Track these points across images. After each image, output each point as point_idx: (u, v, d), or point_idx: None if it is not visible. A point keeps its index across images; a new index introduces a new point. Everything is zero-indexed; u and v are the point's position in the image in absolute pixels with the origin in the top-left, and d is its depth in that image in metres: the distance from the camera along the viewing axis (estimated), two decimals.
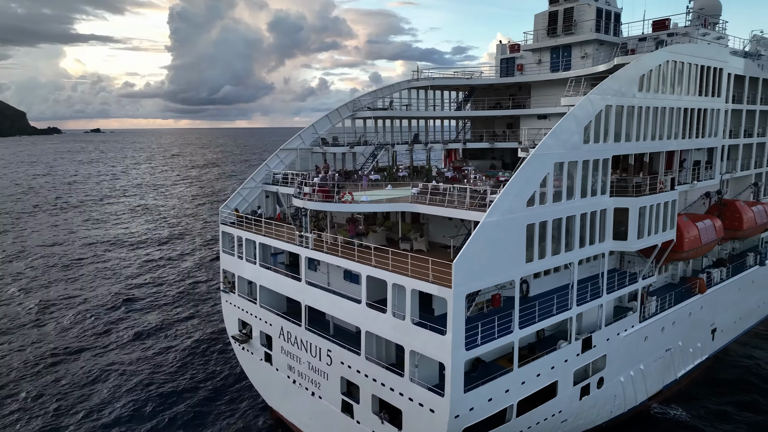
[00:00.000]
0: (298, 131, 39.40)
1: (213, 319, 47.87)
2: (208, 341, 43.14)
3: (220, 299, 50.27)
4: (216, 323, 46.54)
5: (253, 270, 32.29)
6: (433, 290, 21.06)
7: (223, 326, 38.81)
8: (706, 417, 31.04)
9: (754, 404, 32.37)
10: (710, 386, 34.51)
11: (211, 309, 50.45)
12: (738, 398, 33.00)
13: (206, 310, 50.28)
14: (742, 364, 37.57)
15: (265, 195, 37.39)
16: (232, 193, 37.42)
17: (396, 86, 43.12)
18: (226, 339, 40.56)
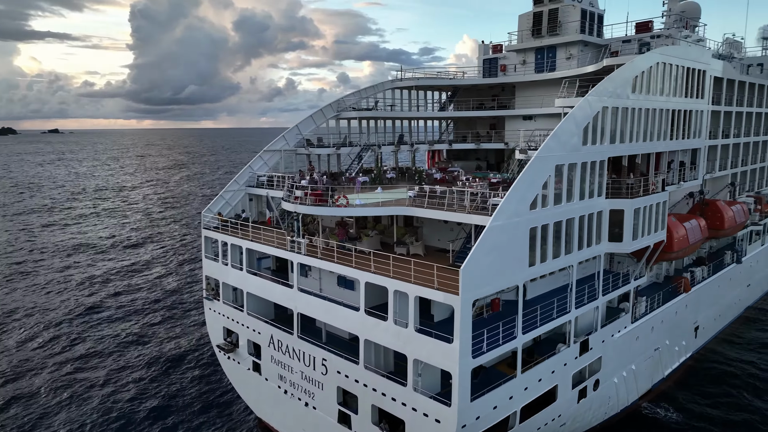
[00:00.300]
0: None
1: (193, 327, 46.04)
2: (191, 351, 41.31)
3: (200, 307, 48.75)
4: (197, 332, 44.83)
5: (239, 276, 31.11)
6: (438, 297, 20.45)
7: (206, 335, 37.43)
8: (693, 413, 31.37)
9: (738, 397, 32.91)
10: (695, 383, 34.95)
11: (191, 317, 48.52)
12: (722, 392, 33.49)
13: (185, 319, 48.21)
14: (723, 359, 38.23)
15: (249, 198, 36.18)
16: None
17: (380, 86, 42.46)
18: (209, 348, 39.11)
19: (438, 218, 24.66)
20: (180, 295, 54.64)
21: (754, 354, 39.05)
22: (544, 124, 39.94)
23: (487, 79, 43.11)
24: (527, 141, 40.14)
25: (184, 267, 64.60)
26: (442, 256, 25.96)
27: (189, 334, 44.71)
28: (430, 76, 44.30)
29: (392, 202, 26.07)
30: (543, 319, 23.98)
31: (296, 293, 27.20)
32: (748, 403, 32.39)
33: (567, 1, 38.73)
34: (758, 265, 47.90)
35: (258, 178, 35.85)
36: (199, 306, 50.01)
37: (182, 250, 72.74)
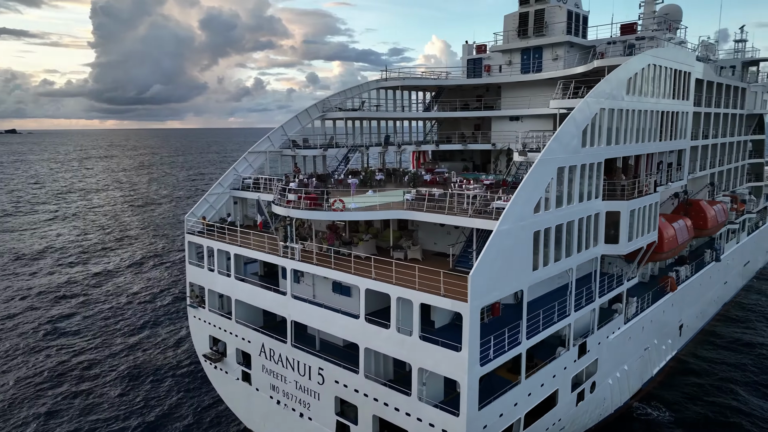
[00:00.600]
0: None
1: (176, 336, 43.94)
2: (174, 361, 39.36)
3: (183, 315, 47.13)
4: (180, 341, 42.88)
5: (227, 283, 29.98)
6: (445, 304, 19.90)
7: (190, 344, 36.05)
8: (682, 410, 31.69)
9: (724, 392, 33.43)
10: (681, 380, 35.37)
11: (173, 326, 46.14)
12: (708, 389, 33.97)
13: (167, 327, 45.67)
14: (704, 356, 38.86)
15: (234, 201, 35.00)
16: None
17: (365, 86, 41.75)
18: (194, 358, 37.62)
19: (439, 222, 24.11)
20: (159, 302, 52.10)
21: (733, 351, 39.80)
22: (531, 125, 39.90)
23: (474, 79, 42.84)
24: (516, 142, 40.23)
25: (161, 273, 62.02)
26: (441, 260, 25.44)
27: (172, 343, 42.78)
28: (415, 77, 43.81)
29: (390, 206, 25.40)
30: (545, 323, 23.70)
31: (290, 300, 26.29)
32: (734, 398, 32.90)
33: (553, 1, 38.74)
34: (733, 262, 49.02)
35: (243, 181, 34.71)
36: (181, 314, 48.17)
37: (158, 255, 69.90)
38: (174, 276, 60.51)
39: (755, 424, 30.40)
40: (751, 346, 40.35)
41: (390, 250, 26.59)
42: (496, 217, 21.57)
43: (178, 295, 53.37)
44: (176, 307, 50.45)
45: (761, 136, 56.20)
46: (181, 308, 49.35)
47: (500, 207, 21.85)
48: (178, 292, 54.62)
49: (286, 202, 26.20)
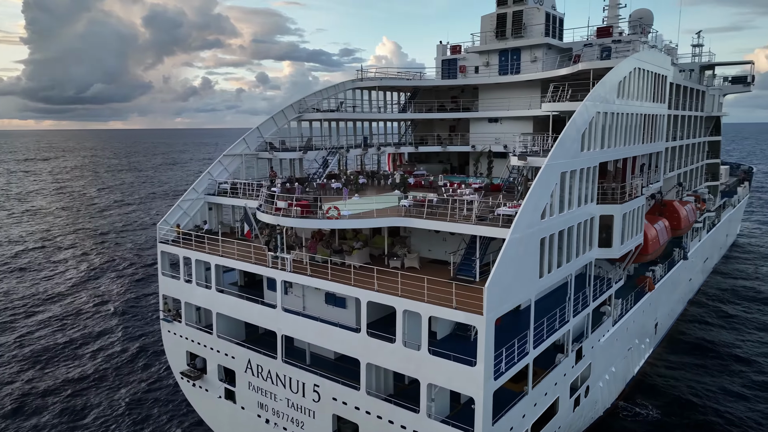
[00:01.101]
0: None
1: (147, 353, 40.47)
2: (147, 381, 36.13)
3: (151, 329, 44.11)
4: (153, 358, 39.49)
5: (207, 296, 28.17)
6: (459, 317, 19.07)
7: (164, 361, 33.78)
8: (665, 406, 32.13)
9: (702, 385, 34.19)
10: (658, 377, 35.97)
11: (143, 341, 42.66)
12: (682, 383, 34.70)
13: (136, 343, 42.38)
14: (677, 352, 39.78)
15: (209, 207, 33.09)
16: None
17: (341, 86, 40.51)
18: (170, 375, 34.98)
19: (438, 229, 23.26)
20: (127, 318, 47.88)
21: (700, 346, 40.91)
22: (510, 127, 39.72)
23: (452, 80, 42.28)
24: (494, 144, 39.93)
25: (126, 286, 56.64)
26: (438, 268, 24.64)
27: (143, 361, 39.23)
28: (392, 77, 42.90)
29: (387, 212, 24.33)
30: (548, 330, 23.27)
31: (280, 314, 24.83)
32: (709, 392, 33.67)
33: (531, 3, 38.64)
34: (697, 260, 50.64)
35: (219, 186, 32.85)
36: (154, 329, 44.37)
37: (119, 266, 64.70)
38: (140, 288, 56.04)
39: (729, 414, 31.20)
40: (714, 341, 41.60)
41: (385, 258, 25.57)
42: (504, 224, 20.93)
43: (148, 309, 49.65)
44: (146, 322, 46.81)
45: (717, 138, 58.40)
46: (152, 322, 46.09)
47: (507, 214, 21.21)
48: (147, 305, 50.70)
49: (275, 210, 24.73)
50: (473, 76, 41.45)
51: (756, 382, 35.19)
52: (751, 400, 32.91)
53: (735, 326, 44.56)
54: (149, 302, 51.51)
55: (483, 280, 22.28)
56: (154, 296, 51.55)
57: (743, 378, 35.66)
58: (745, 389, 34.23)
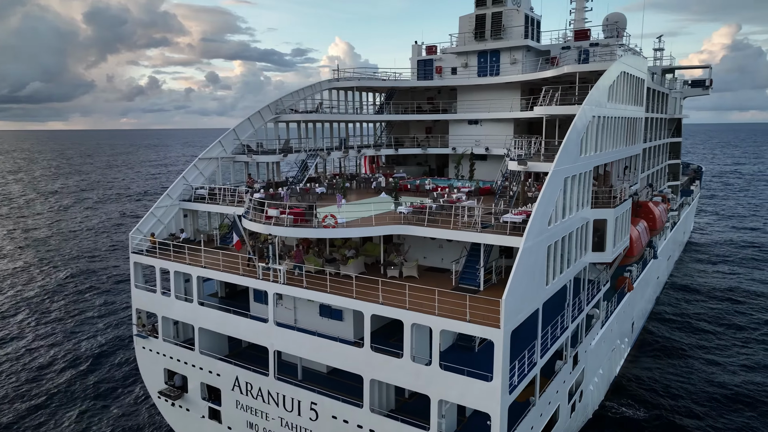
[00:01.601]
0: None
1: (119, 371, 36.82)
2: (119, 402, 32.99)
3: (121, 346, 40.56)
4: (125, 376, 35.93)
5: (188, 310, 26.41)
6: (474, 331, 18.32)
7: (138, 379, 31.53)
8: (650, 404, 32.52)
9: (681, 381, 34.86)
10: (638, 375, 36.48)
11: (111, 359, 38.93)
12: (664, 379, 35.31)
13: (104, 360, 38.47)
14: (652, 349, 40.57)
15: (183, 214, 31.20)
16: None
17: (317, 86, 39.27)
18: (145, 395, 32.32)
19: (439, 237, 22.46)
20: (89, 334, 43.16)
21: (676, 341, 41.91)
22: (491, 129, 39.46)
23: (431, 81, 41.62)
24: (474, 146, 39.55)
25: (89, 299, 51.41)
26: (436, 276, 23.92)
27: (115, 381, 35.47)
28: (369, 77, 41.91)
29: (386, 220, 23.33)
30: (552, 338, 22.89)
31: (273, 329, 23.43)
32: (691, 386, 34.36)
33: (509, 4, 38.46)
34: (663, 258, 52.02)
35: (195, 191, 30.99)
36: (124, 344, 40.59)
37: (79, 277, 58.46)
38: (106, 302, 50.60)
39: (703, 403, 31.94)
40: (680, 338, 42.64)
41: (381, 267, 24.58)
42: (512, 231, 20.35)
43: (118, 324, 45.06)
44: (116, 339, 42.08)
45: (679, 139, 60.26)
46: (123, 338, 41.80)
47: (514, 221, 20.64)
48: (116, 320, 45.93)
49: (266, 218, 23.32)
50: (452, 77, 40.93)
51: (720, 365, 36.25)
52: (717, 381, 33.89)
53: (698, 321, 45.82)
54: (118, 317, 46.80)
55: (487, 289, 21.80)
56: (125, 310, 47.39)
57: (712, 371, 36.59)
58: (712, 383, 35.15)
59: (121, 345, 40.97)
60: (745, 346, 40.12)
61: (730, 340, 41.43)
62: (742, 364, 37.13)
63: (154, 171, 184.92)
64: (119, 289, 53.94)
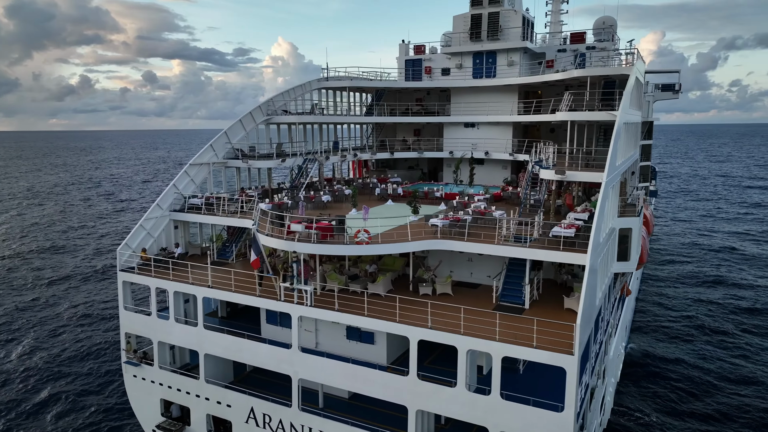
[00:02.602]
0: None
1: (104, 403, 31.26)
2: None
3: (107, 377, 35.08)
4: (111, 409, 30.69)
5: (192, 334, 23.75)
6: (542, 358, 16.92)
7: (127, 412, 28.21)
8: (657, 405, 32.33)
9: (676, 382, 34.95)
10: (635, 379, 36.34)
11: (97, 393, 32.63)
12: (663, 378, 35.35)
13: (74, 400, 31.88)
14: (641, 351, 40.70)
15: (174, 226, 28.31)
16: None
17: (307, 86, 37.04)
18: (136, 429, 27.90)
19: (486, 253, 20.90)
20: (64, 364, 36.19)
21: (660, 340, 42.25)
22: (488, 132, 38.40)
23: (428, 81, 40.12)
24: (470, 150, 38.38)
25: (65, 323, 43.40)
26: (468, 293, 22.45)
27: (101, 416, 29.99)
28: (358, 77, 39.94)
29: (422, 234, 21.57)
30: (596, 356, 21.93)
31: (297, 355, 21.24)
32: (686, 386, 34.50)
33: (506, 5, 37.51)
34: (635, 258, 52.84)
35: (187, 200, 28.16)
36: (107, 374, 34.76)
37: (45, 298, 49.22)
38: (84, 326, 42.70)
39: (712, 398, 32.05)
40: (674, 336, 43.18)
41: (411, 284, 22.85)
42: (566, 248, 19.14)
43: (97, 351, 38.16)
44: (98, 368, 35.55)
45: (650, 141, 61.53)
46: (108, 367, 35.71)
47: (567, 235, 19.44)
48: (96, 347, 38.59)
49: (287, 233, 21.09)
50: (446, 78, 39.56)
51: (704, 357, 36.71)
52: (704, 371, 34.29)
53: (673, 321, 46.54)
54: (97, 342, 39.67)
55: (532, 307, 20.53)
56: (106, 335, 40.71)
57: (696, 371, 36.95)
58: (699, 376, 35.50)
59: (106, 374, 34.78)
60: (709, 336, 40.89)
61: (704, 336, 42.17)
62: (719, 357, 37.70)
63: (78, 172, 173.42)
64: (100, 310, 46.05)
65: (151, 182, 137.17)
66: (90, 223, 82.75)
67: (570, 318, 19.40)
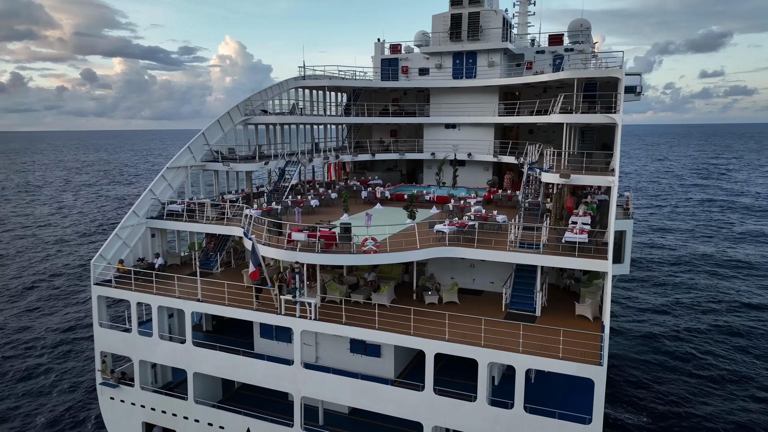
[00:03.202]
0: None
1: None
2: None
3: (88, 398, 30.83)
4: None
5: (177, 352, 22.04)
6: (569, 369, 16.39)
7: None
8: (647, 407, 32.59)
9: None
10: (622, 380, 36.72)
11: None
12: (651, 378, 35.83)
13: None
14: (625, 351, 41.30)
15: (151, 234, 26.34)
16: None
17: (284, 84, 35.54)
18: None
19: (503, 261, 20.22)
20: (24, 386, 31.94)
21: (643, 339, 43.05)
22: (469, 133, 37.97)
23: (407, 81, 39.33)
24: (451, 151, 37.87)
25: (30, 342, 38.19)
26: (472, 300, 21.80)
27: None
28: (336, 76, 38.71)
29: (430, 242, 20.70)
30: None
31: (300, 372, 19.97)
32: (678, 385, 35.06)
33: (486, 5, 37.21)
34: None
35: (166, 206, 26.26)
36: (77, 397, 30.45)
37: None
38: (50, 343, 37.69)
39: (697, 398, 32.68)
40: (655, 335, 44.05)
41: (415, 293, 21.96)
42: (582, 254, 18.74)
43: (64, 372, 33.45)
44: (62, 390, 31.33)
45: None
46: (81, 390, 31.27)
47: (579, 241, 19.04)
48: (63, 368, 33.85)
49: (288, 242, 19.79)
50: (425, 78, 38.86)
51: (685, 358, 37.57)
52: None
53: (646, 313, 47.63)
54: (64, 365, 34.48)
55: (544, 315, 20.07)
56: (74, 354, 35.83)
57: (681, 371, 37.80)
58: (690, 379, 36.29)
59: (76, 398, 30.46)
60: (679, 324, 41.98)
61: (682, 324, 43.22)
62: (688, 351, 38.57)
63: None
64: (63, 329, 40.49)
65: (93, 185, 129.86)
66: (27, 232, 76.66)
67: (583, 325, 19.06)
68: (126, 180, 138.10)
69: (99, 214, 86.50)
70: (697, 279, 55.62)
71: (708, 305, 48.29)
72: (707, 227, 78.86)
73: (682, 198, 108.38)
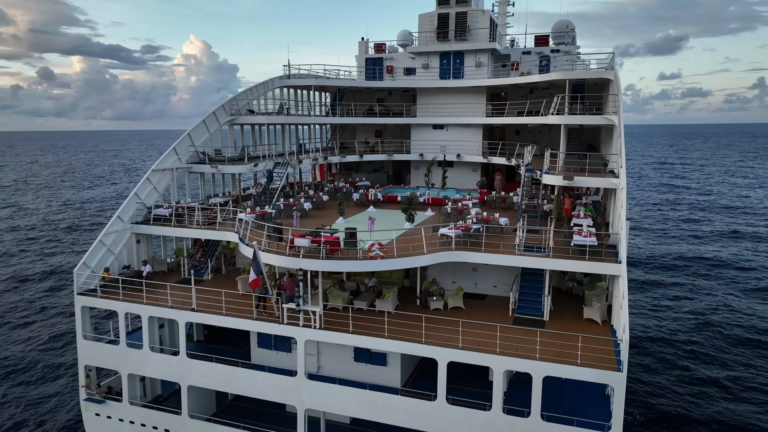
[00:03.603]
0: None
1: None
2: None
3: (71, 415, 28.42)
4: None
5: (170, 364, 20.95)
6: (588, 376, 16.06)
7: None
8: (654, 407, 32.67)
9: None
10: None
11: None
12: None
13: None
14: None
15: (136, 240, 25.06)
16: None
17: (269, 84, 34.56)
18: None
19: (505, 264, 19.84)
20: None
21: None
22: (457, 134, 37.65)
23: (395, 81, 38.77)
24: (440, 152, 37.47)
25: None
26: (477, 304, 21.39)
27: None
28: (321, 75, 37.85)
29: (436, 246, 20.15)
30: None
31: (304, 383, 19.16)
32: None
33: (473, 5, 36.95)
34: None
35: (152, 210, 25.02)
36: (59, 414, 27.88)
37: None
38: (24, 357, 33.82)
39: None
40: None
41: (418, 299, 21.40)
42: (592, 257, 18.50)
43: (42, 384, 30.76)
44: (41, 411, 28.28)
45: None
46: (63, 408, 28.61)
47: (589, 244, 18.80)
48: (38, 389, 30.41)
49: (290, 248, 18.96)
50: (412, 78, 38.35)
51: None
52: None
53: None
54: (42, 381, 31.32)
55: (552, 319, 19.79)
56: (52, 369, 32.44)
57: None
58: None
59: (57, 417, 27.67)
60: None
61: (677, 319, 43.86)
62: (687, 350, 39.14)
63: None
64: (47, 342, 35.33)
65: (50, 187, 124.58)
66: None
67: (594, 329, 18.85)
68: (90, 183, 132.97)
69: (69, 219, 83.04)
70: (681, 278, 56.68)
71: (694, 305, 49.22)
72: (679, 228, 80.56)
73: (658, 198, 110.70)
